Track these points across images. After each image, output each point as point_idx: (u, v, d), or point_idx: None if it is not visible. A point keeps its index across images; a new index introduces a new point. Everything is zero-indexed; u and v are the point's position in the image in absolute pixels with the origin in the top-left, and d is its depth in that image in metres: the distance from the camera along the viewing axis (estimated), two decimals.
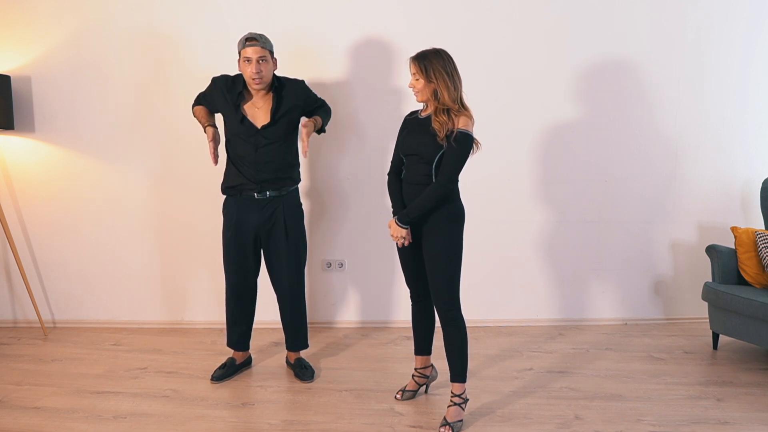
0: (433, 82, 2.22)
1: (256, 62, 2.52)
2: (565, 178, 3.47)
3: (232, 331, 2.85)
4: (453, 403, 2.35)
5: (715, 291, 3.03)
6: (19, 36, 3.33)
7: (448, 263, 2.29)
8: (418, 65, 2.24)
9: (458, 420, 2.33)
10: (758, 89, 3.47)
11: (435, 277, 2.31)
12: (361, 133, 3.41)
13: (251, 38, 2.53)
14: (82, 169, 3.43)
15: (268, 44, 2.57)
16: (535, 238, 3.52)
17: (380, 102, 3.36)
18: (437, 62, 2.22)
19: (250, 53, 2.52)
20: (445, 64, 2.23)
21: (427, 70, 2.22)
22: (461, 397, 2.36)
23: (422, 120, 2.33)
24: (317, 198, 3.47)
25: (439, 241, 2.28)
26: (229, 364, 2.84)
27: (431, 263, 2.31)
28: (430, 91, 2.25)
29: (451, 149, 2.22)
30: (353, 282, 3.55)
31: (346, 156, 3.43)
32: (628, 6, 3.34)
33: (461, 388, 2.36)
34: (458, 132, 2.20)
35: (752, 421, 2.38)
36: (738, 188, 3.55)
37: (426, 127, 2.28)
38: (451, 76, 2.23)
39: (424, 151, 2.27)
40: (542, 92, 3.39)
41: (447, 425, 2.30)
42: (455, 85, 2.24)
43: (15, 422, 2.37)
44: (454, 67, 2.25)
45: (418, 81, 2.26)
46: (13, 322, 3.59)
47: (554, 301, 3.58)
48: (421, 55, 2.26)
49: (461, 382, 2.35)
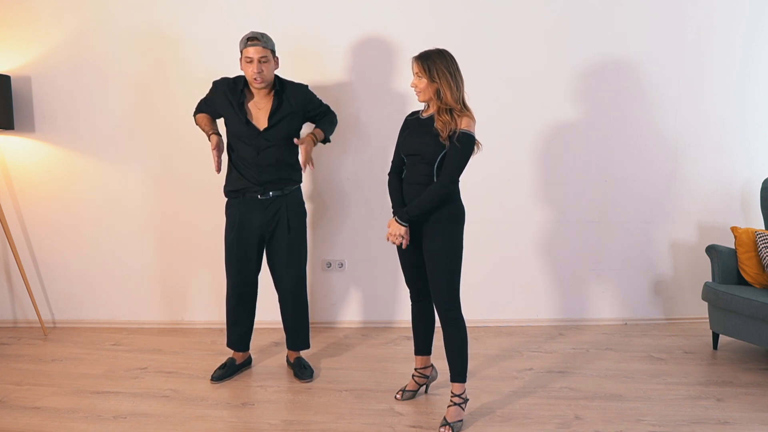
0: (436, 81, 2.22)
1: (258, 62, 2.52)
2: (565, 178, 3.47)
3: (233, 332, 2.85)
4: (453, 403, 2.35)
5: (715, 291, 3.03)
6: (19, 36, 3.33)
7: (448, 263, 2.29)
8: (421, 65, 2.24)
9: (458, 420, 2.33)
10: (758, 89, 3.47)
11: (435, 276, 2.31)
12: (362, 133, 3.41)
13: (253, 38, 2.52)
14: (82, 169, 3.43)
15: (269, 44, 2.57)
16: (535, 238, 3.52)
17: (381, 102, 3.36)
18: (440, 62, 2.22)
19: (251, 53, 2.51)
20: (449, 65, 2.23)
21: (431, 70, 2.22)
22: (461, 397, 2.36)
23: (424, 120, 2.33)
24: (317, 198, 3.47)
25: (440, 241, 2.28)
26: (229, 365, 2.83)
27: (431, 263, 2.31)
28: (433, 91, 2.25)
29: (453, 149, 2.22)
30: (353, 282, 3.55)
31: (346, 156, 3.43)
32: (628, 6, 3.34)
33: (461, 388, 2.36)
34: (461, 132, 2.21)
35: (752, 421, 2.38)
36: (738, 188, 3.55)
37: (428, 127, 2.28)
38: (454, 76, 2.23)
39: (425, 152, 2.27)
40: (542, 92, 3.39)
41: (447, 425, 2.30)
42: (458, 85, 2.24)
43: (15, 422, 2.37)
44: (456, 68, 2.26)
45: (420, 80, 2.26)
46: (13, 322, 3.59)
47: (554, 301, 3.58)
48: (424, 54, 2.26)
49: (461, 382, 2.35)
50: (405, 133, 2.39)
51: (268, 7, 3.29)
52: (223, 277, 3.35)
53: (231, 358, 2.87)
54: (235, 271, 2.75)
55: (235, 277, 2.76)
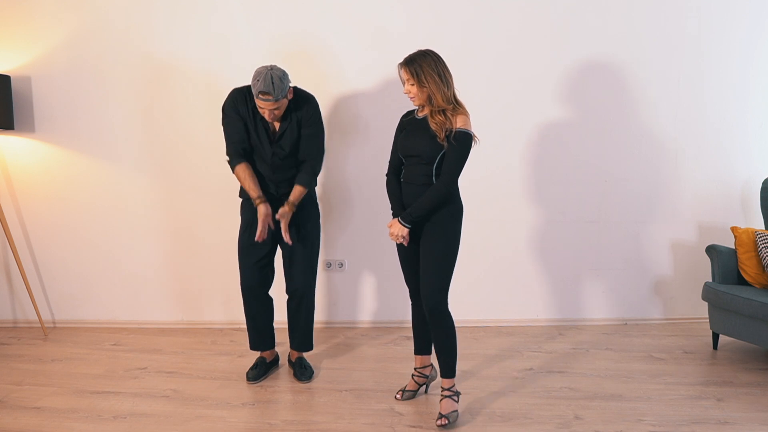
0: (426, 86, 2.22)
1: (270, 112, 2.47)
2: (565, 178, 3.47)
3: (253, 333, 2.83)
4: (444, 396, 2.38)
5: (715, 291, 3.03)
6: (19, 36, 3.33)
7: (443, 258, 2.30)
8: (408, 70, 2.25)
9: (453, 411, 2.35)
10: (758, 89, 3.47)
11: (428, 270, 2.31)
12: (363, 133, 3.41)
13: (265, 92, 2.39)
14: (82, 169, 3.43)
15: (281, 94, 2.43)
16: (534, 238, 3.52)
17: (381, 102, 3.36)
18: (426, 65, 2.22)
19: (262, 105, 2.45)
20: (435, 65, 2.23)
21: (419, 75, 2.22)
22: (451, 390, 2.38)
23: (420, 121, 2.34)
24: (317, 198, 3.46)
25: (438, 237, 2.30)
26: (259, 363, 2.83)
27: (426, 257, 2.31)
28: (425, 95, 2.26)
29: (451, 149, 2.23)
30: (353, 282, 3.55)
31: (346, 156, 3.42)
32: (627, 6, 3.34)
33: (451, 383, 2.38)
34: (458, 131, 2.21)
35: (752, 421, 2.38)
36: (738, 188, 3.55)
37: (425, 128, 2.29)
38: (442, 76, 2.23)
39: (424, 153, 2.27)
40: (542, 92, 3.39)
41: (443, 417, 2.32)
42: (447, 84, 2.24)
43: (15, 422, 2.37)
44: (443, 66, 2.25)
45: (412, 86, 2.26)
46: (13, 322, 3.59)
47: (554, 301, 3.58)
48: (409, 59, 2.26)
49: (450, 377, 2.38)
50: (402, 134, 2.40)
51: (269, 8, 3.28)
52: (223, 277, 3.34)
53: (260, 357, 2.86)
54: (249, 273, 2.73)
55: (249, 278, 2.74)
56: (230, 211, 2.91)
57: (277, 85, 2.39)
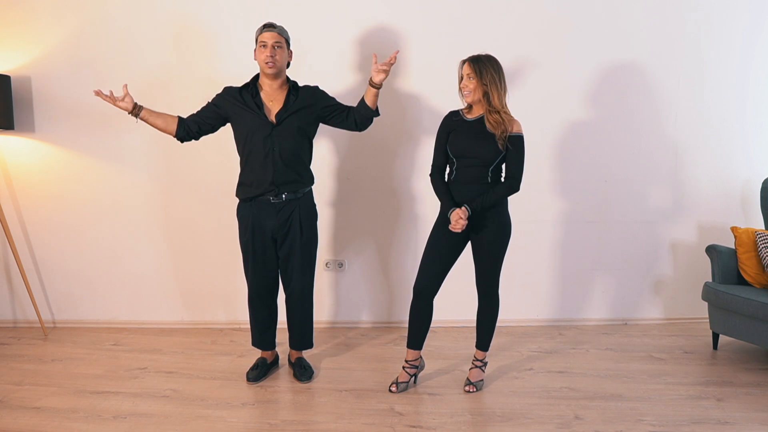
0: (486, 84, 2.38)
1: (272, 47, 2.55)
2: (565, 178, 3.47)
3: (256, 332, 2.85)
4: (475, 366, 2.69)
5: (715, 291, 3.03)
6: (19, 36, 3.33)
7: (501, 250, 2.54)
8: (473, 67, 2.40)
9: (480, 380, 2.67)
10: (758, 89, 3.47)
11: (488, 259, 2.54)
12: (362, 133, 3.40)
13: (269, 25, 2.59)
14: (82, 169, 3.43)
15: (284, 33, 2.63)
16: (535, 238, 3.51)
17: (381, 102, 3.35)
18: (490, 65, 2.40)
19: (266, 37, 2.56)
20: (497, 69, 2.41)
21: (482, 72, 2.39)
22: (482, 361, 2.70)
23: (471, 123, 2.46)
24: (317, 198, 3.44)
25: (502, 232, 2.51)
26: (260, 364, 2.83)
27: (491, 248, 2.52)
28: (481, 93, 2.40)
29: (514, 152, 2.43)
30: (353, 282, 3.55)
31: (346, 156, 3.42)
32: (628, 6, 3.34)
33: (484, 355, 2.70)
34: (516, 135, 2.42)
35: (752, 421, 2.38)
36: (738, 188, 3.55)
37: (480, 130, 2.43)
38: (502, 80, 2.41)
39: (484, 155, 2.42)
40: (542, 92, 3.38)
41: (471, 384, 2.63)
42: (504, 90, 2.42)
43: (15, 422, 2.37)
44: (503, 75, 2.43)
45: (471, 81, 2.41)
46: (13, 322, 3.59)
47: (554, 301, 3.58)
48: (475, 58, 2.42)
49: (485, 350, 2.69)
50: (453, 135, 2.50)
51: (268, 6, 3.28)
52: (223, 276, 3.35)
53: (261, 357, 2.87)
54: (253, 274, 2.74)
55: (253, 279, 2.75)
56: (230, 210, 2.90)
57: (280, 25, 2.61)
